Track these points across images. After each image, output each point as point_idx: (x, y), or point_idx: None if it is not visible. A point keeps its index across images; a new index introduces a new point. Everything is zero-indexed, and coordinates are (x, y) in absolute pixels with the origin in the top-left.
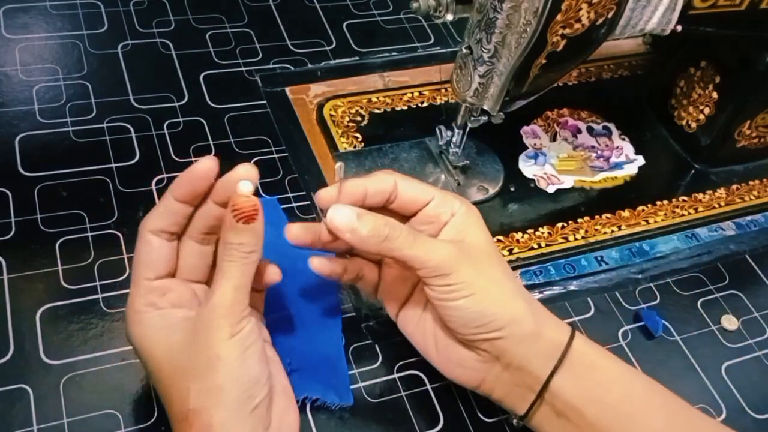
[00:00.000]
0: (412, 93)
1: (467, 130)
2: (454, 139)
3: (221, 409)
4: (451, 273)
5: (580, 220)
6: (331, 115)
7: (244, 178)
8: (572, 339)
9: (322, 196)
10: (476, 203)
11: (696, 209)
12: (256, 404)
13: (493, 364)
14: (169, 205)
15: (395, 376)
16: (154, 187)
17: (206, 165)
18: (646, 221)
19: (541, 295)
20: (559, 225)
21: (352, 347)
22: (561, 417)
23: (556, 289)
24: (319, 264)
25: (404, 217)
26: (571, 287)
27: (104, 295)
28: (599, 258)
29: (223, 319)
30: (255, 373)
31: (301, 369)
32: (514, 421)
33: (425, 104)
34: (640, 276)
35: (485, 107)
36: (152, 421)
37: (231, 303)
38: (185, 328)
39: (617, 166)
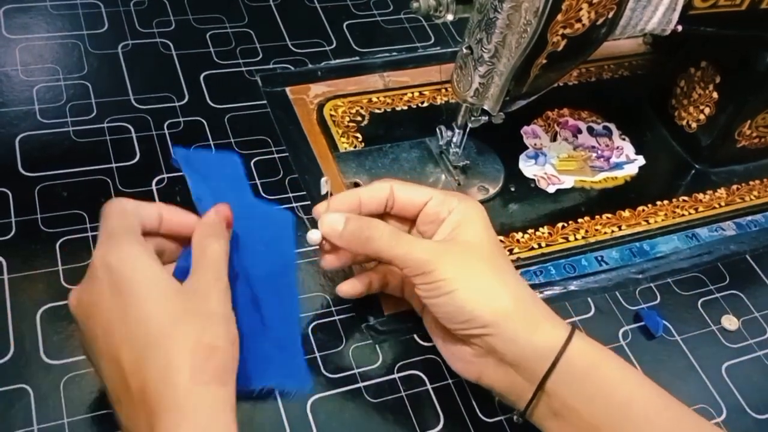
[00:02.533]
0: (413, 93)
1: (467, 130)
2: (454, 139)
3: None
4: (432, 270)
5: (580, 220)
6: (331, 115)
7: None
8: (569, 340)
9: (317, 209)
10: None
11: (696, 209)
12: None
13: (488, 358)
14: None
15: (395, 376)
16: (154, 187)
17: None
18: (647, 221)
19: (541, 295)
20: (560, 225)
21: (352, 347)
22: (558, 417)
23: (556, 289)
24: (350, 288)
25: (411, 221)
26: (572, 287)
27: None
28: (599, 258)
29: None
30: None
31: (250, 359)
32: (515, 418)
33: (425, 104)
34: (640, 276)
35: (485, 107)
36: None
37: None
38: (173, 279)
39: (617, 166)
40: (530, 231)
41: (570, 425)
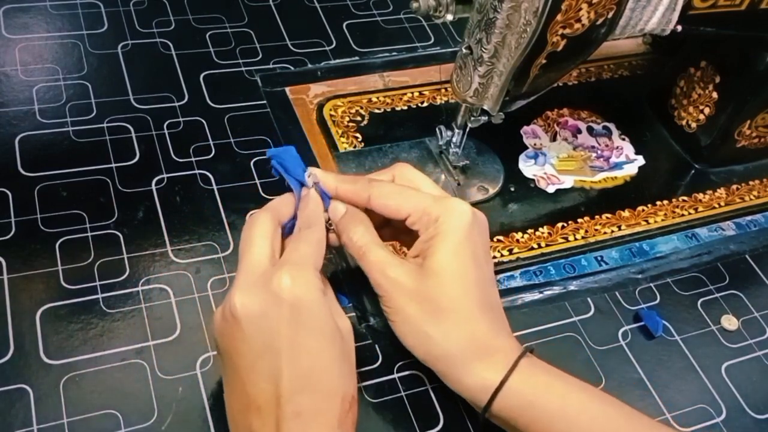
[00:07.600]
0: (412, 93)
1: (467, 130)
2: (454, 139)
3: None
4: (384, 296)
5: (580, 220)
6: (331, 115)
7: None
8: (508, 377)
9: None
10: (476, 203)
11: (696, 209)
12: None
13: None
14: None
15: (395, 376)
16: (154, 187)
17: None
18: (646, 221)
19: (540, 295)
20: (559, 225)
21: None
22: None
23: (556, 289)
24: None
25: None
26: (571, 287)
27: (104, 295)
28: (599, 258)
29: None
30: None
31: None
32: (481, 419)
33: (425, 104)
34: (640, 276)
35: (485, 107)
36: (152, 421)
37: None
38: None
39: (617, 166)
40: (530, 231)
41: None
